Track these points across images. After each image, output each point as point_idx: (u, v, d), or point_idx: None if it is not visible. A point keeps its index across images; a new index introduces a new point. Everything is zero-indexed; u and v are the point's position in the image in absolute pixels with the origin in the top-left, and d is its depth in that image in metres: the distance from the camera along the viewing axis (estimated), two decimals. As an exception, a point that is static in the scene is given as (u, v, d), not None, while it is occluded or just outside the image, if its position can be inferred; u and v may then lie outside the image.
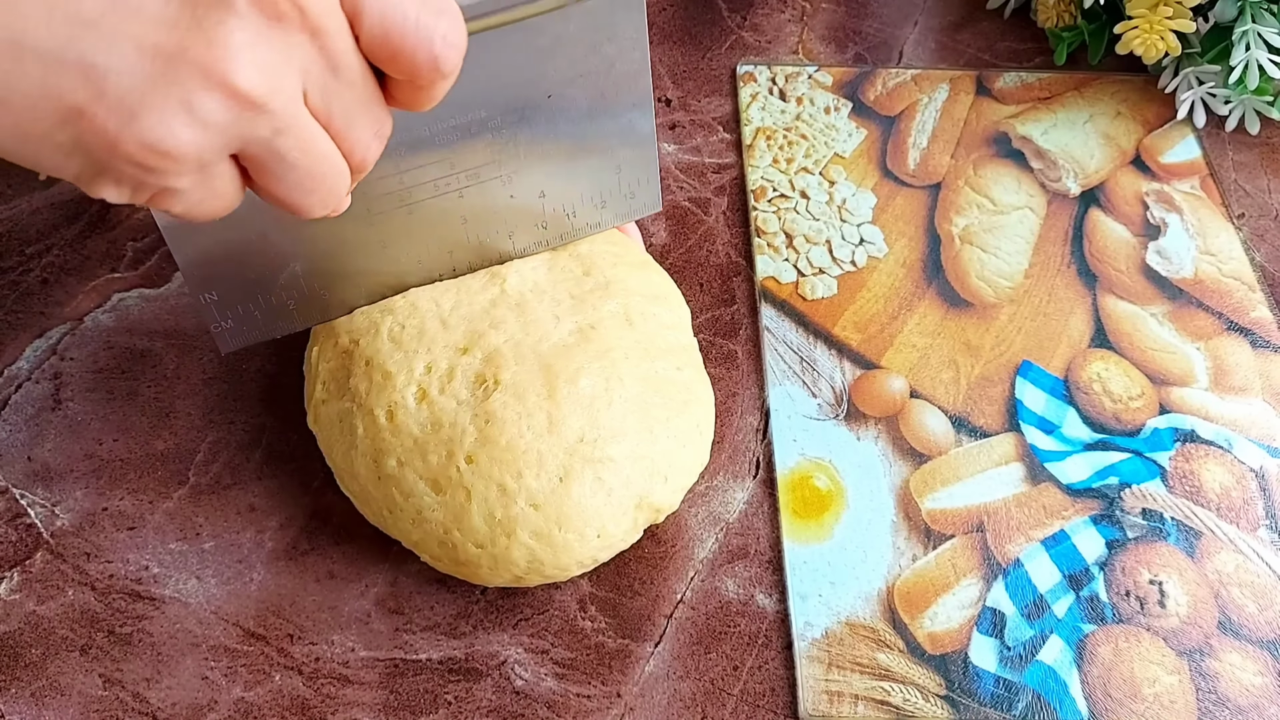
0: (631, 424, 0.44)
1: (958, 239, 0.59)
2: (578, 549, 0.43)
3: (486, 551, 0.43)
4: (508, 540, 0.43)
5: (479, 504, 0.43)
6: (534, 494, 0.43)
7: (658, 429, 0.45)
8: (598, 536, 0.44)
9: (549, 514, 0.43)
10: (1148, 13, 0.62)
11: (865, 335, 0.55)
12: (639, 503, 0.44)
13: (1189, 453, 0.51)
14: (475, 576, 0.44)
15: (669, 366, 0.47)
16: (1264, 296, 0.57)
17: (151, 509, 0.48)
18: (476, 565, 0.44)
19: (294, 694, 0.43)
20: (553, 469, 0.43)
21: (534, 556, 0.43)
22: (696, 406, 0.47)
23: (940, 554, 0.48)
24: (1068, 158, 0.63)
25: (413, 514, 0.44)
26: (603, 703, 0.43)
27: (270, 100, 0.30)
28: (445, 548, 0.44)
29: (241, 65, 0.29)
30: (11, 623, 0.45)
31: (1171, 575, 0.47)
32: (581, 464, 0.43)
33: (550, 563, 0.43)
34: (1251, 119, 0.64)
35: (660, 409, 0.45)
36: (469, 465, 0.43)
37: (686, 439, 0.46)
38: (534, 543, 0.43)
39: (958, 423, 0.52)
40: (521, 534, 0.43)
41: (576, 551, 0.43)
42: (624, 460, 0.44)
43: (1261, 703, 0.44)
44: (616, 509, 0.44)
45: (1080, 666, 0.45)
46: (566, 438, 0.43)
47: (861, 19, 0.72)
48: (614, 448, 0.44)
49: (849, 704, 0.44)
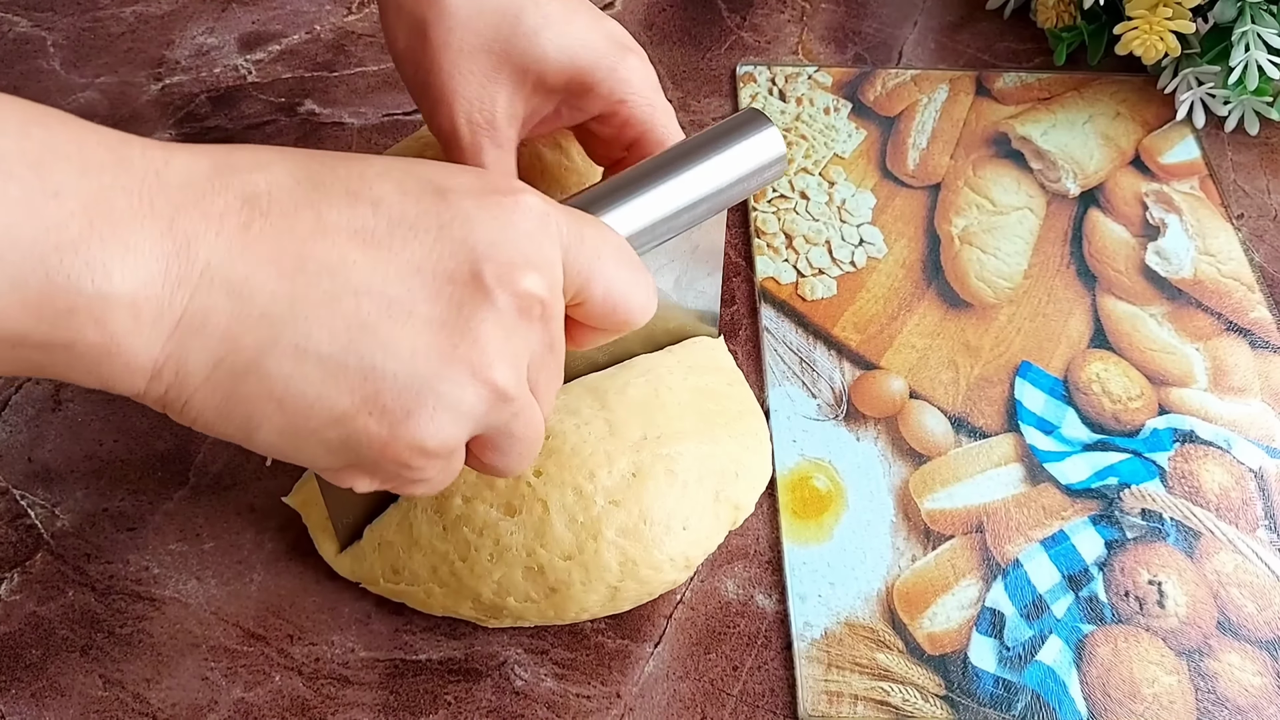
0: (690, 425, 0.44)
1: (957, 239, 0.59)
2: (668, 544, 0.42)
3: (576, 561, 0.42)
4: (595, 543, 0.42)
5: (558, 512, 0.42)
6: (611, 491, 0.42)
7: (718, 430, 0.45)
8: (684, 529, 0.43)
9: (631, 509, 0.42)
10: (1147, 13, 0.62)
11: (865, 336, 0.55)
12: (716, 496, 0.44)
13: (1188, 453, 0.51)
14: (568, 602, 0.42)
15: (718, 381, 0.47)
16: (1263, 297, 0.57)
17: (152, 510, 0.48)
18: (568, 585, 0.42)
19: (294, 694, 0.43)
20: (623, 466, 0.42)
21: (625, 556, 0.42)
22: (752, 417, 0.47)
23: (940, 554, 0.48)
24: (1067, 158, 0.63)
25: (490, 548, 0.42)
26: (602, 703, 0.44)
27: (516, 390, 0.31)
28: (532, 574, 0.42)
29: (500, 361, 0.31)
30: (12, 623, 0.45)
31: (1170, 575, 0.47)
32: (651, 459, 0.43)
33: (643, 561, 0.42)
34: (1251, 120, 0.64)
35: (717, 414, 0.45)
36: (539, 478, 0.42)
37: (748, 442, 0.46)
38: (623, 540, 0.42)
39: (957, 423, 0.52)
40: (608, 532, 0.42)
41: (667, 546, 0.42)
42: (691, 456, 0.43)
43: (1260, 703, 0.44)
44: (696, 502, 0.43)
45: (1079, 667, 0.45)
46: (629, 438, 0.43)
47: (861, 19, 0.72)
48: (678, 445, 0.43)
49: (848, 704, 0.44)
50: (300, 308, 0.29)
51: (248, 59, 0.68)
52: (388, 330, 0.29)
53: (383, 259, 0.30)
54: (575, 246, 0.33)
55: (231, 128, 0.64)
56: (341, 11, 0.71)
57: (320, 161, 0.31)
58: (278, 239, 0.29)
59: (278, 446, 0.31)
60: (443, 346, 0.30)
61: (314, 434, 0.30)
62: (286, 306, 0.29)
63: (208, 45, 0.68)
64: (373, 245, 0.30)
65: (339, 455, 0.31)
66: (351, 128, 0.64)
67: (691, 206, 0.40)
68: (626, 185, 0.39)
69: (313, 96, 0.65)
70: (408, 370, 0.30)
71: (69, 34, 0.69)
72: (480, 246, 0.30)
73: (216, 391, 0.29)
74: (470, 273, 0.30)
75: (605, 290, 0.33)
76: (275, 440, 0.31)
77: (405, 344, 0.29)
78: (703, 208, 0.40)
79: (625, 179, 0.39)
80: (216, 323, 0.28)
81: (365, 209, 0.30)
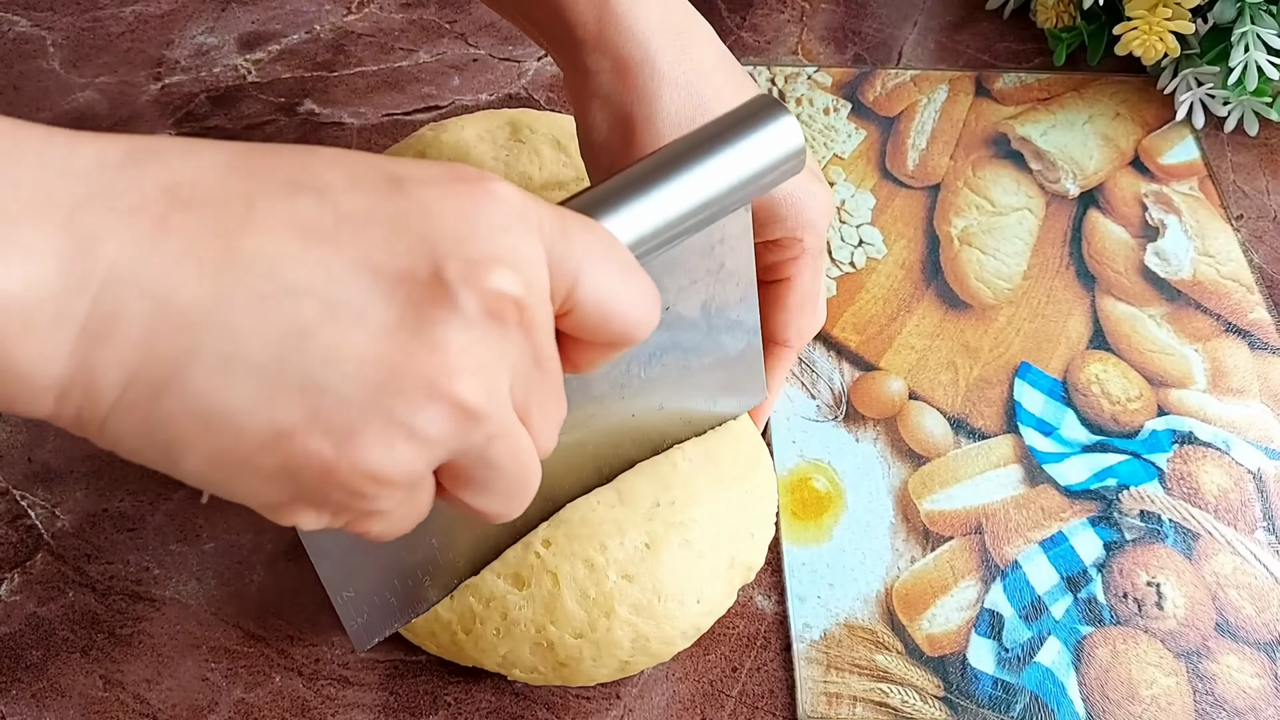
0: (702, 486, 0.43)
1: (956, 240, 0.59)
2: (680, 619, 0.41)
3: (587, 640, 0.40)
4: (608, 620, 0.40)
5: (569, 585, 0.40)
6: (623, 564, 0.40)
7: (732, 488, 0.43)
8: (698, 602, 0.42)
9: (645, 584, 0.41)
10: (1147, 14, 0.62)
11: (864, 337, 0.55)
12: (731, 563, 0.43)
13: (1187, 454, 0.51)
14: (576, 675, 0.41)
15: (723, 429, 0.46)
16: (1262, 298, 0.57)
17: (152, 510, 0.48)
18: (579, 661, 0.41)
19: (294, 695, 0.43)
20: (636, 538, 0.41)
21: (638, 633, 0.41)
22: (762, 465, 0.46)
23: (939, 556, 0.48)
24: (1066, 159, 0.63)
25: (497, 621, 0.41)
26: (602, 704, 0.44)
27: (488, 408, 0.27)
28: (540, 649, 0.41)
29: (464, 373, 0.26)
30: (12, 624, 0.45)
31: (1169, 577, 0.47)
32: (664, 528, 0.41)
33: (655, 637, 0.41)
34: (1250, 120, 0.64)
35: (730, 468, 0.44)
36: (547, 549, 0.41)
37: (760, 494, 0.45)
38: (636, 618, 0.40)
39: (956, 424, 0.52)
40: (621, 610, 0.40)
41: (680, 621, 0.41)
42: (706, 521, 0.42)
43: (1259, 704, 0.44)
44: (710, 571, 0.42)
45: (1078, 668, 0.45)
46: (640, 506, 0.41)
47: (861, 19, 0.72)
48: (692, 511, 0.42)
49: (847, 705, 0.44)
50: (226, 311, 0.25)
51: (247, 59, 0.68)
52: (330, 336, 0.25)
53: (327, 255, 0.25)
54: (560, 244, 0.28)
55: (231, 128, 0.64)
56: (341, 11, 0.71)
57: (258, 151, 0.27)
58: (199, 232, 0.25)
59: (208, 476, 0.27)
60: (395, 356, 0.26)
61: (247, 460, 0.26)
62: (210, 309, 0.25)
63: (208, 45, 0.68)
64: (316, 239, 0.26)
65: (278, 485, 0.27)
66: (351, 128, 0.64)
67: (698, 210, 0.36)
68: (626, 186, 0.35)
69: (312, 96, 0.65)
70: (354, 383, 0.25)
71: (69, 34, 0.69)
72: (442, 241, 0.26)
73: (133, 410, 0.25)
74: (430, 271, 0.26)
75: (596, 295, 0.29)
76: (204, 468, 0.26)
77: (352, 353, 0.25)
78: (711, 210, 0.36)
79: (624, 180, 0.35)
80: (127, 330, 0.24)
81: (309, 198, 0.26)
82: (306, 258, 0.25)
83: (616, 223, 0.34)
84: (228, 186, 0.26)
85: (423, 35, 0.69)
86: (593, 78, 0.41)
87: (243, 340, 0.25)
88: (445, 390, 0.26)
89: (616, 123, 0.41)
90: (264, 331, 0.25)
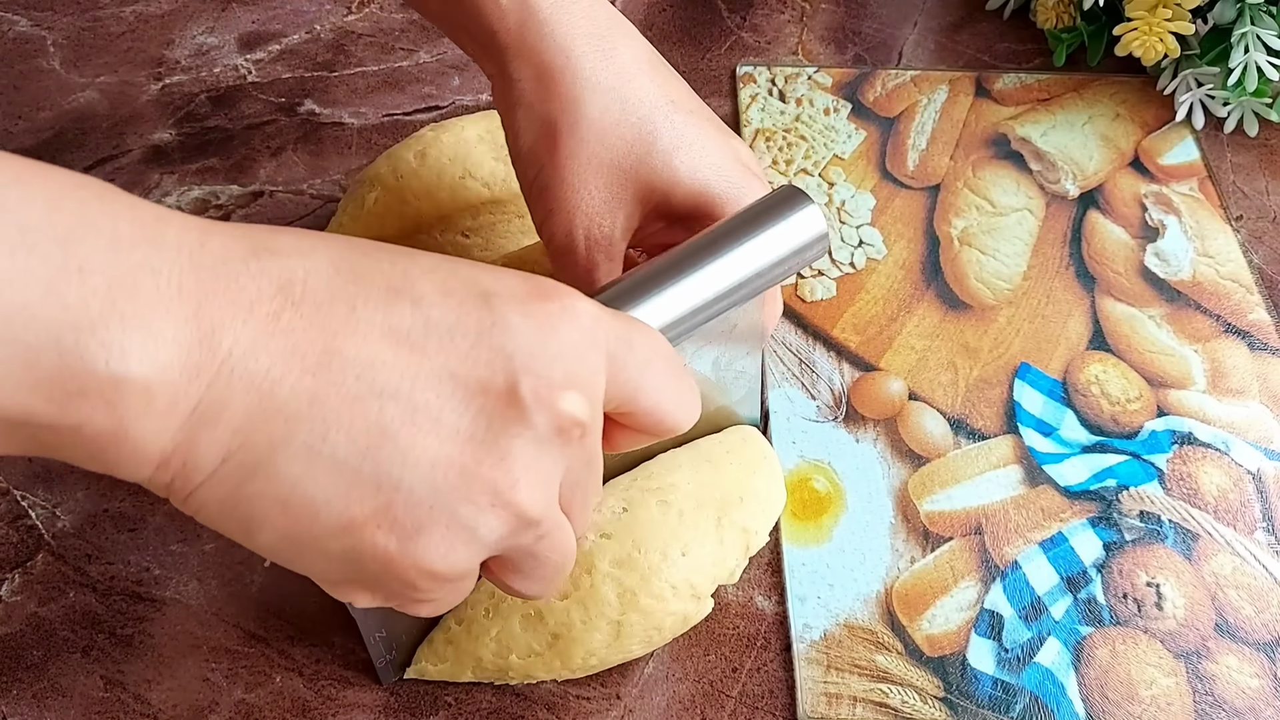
0: (684, 458, 0.43)
1: (956, 241, 0.59)
2: (666, 571, 0.42)
3: (574, 599, 0.41)
4: (590, 577, 0.41)
5: None
6: (601, 526, 0.42)
7: (718, 459, 0.44)
8: (683, 555, 0.42)
9: (623, 540, 0.41)
10: (1147, 14, 0.62)
11: (864, 337, 0.55)
12: (719, 521, 0.43)
13: (1186, 455, 0.51)
14: (573, 647, 0.41)
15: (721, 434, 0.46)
16: (1262, 299, 0.57)
17: (152, 510, 0.48)
18: (569, 627, 0.41)
19: (295, 695, 0.43)
20: (613, 504, 0.42)
21: (622, 586, 0.41)
22: (755, 445, 0.46)
23: (939, 556, 0.48)
24: (1066, 159, 0.63)
25: (485, 602, 0.42)
26: (601, 705, 0.44)
27: (543, 514, 0.29)
28: (530, 621, 0.41)
29: (527, 484, 0.28)
30: (13, 624, 0.45)
31: (1169, 577, 0.47)
32: (640, 494, 0.42)
33: (642, 590, 0.41)
34: (1250, 121, 0.64)
35: (717, 445, 0.44)
36: None
37: (755, 468, 0.45)
38: (618, 571, 0.41)
39: (956, 425, 0.52)
40: (601, 565, 0.41)
41: (665, 574, 0.41)
42: (686, 486, 0.43)
43: (1258, 705, 0.44)
44: (695, 528, 0.42)
45: (1078, 668, 0.45)
46: (618, 483, 0.42)
47: (861, 20, 0.72)
48: (670, 477, 0.43)
49: (847, 706, 0.44)
50: (320, 407, 0.27)
51: (248, 59, 0.68)
52: (409, 438, 0.27)
53: (414, 362, 0.28)
54: (623, 356, 0.31)
55: (231, 127, 0.64)
56: (341, 11, 0.71)
57: (364, 252, 0.29)
58: (307, 331, 0.27)
59: (278, 550, 0.29)
60: (466, 462, 0.28)
61: (317, 542, 0.28)
62: (306, 404, 0.27)
63: (208, 45, 0.68)
64: (406, 347, 0.28)
65: (341, 567, 0.29)
66: (351, 128, 0.64)
67: (729, 293, 0.38)
68: (661, 274, 0.37)
69: (312, 96, 0.65)
70: (425, 484, 0.28)
71: (69, 33, 0.69)
72: (519, 357, 0.28)
73: (222, 486, 0.28)
74: (506, 385, 0.28)
75: (653, 401, 0.32)
76: (276, 544, 0.29)
77: (426, 455, 0.27)
78: (740, 293, 0.39)
79: (660, 266, 0.37)
80: (232, 416, 0.27)
81: (404, 307, 0.28)
82: (396, 364, 0.27)
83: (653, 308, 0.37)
84: (334, 288, 0.28)
85: (423, 35, 0.69)
86: (516, 85, 0.41)
87: (330, 435, 0.27)
88: (508, 499, 0.28)
89: (542, 131, 0.40)
90: (350, 428, 0.27)
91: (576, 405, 0.29)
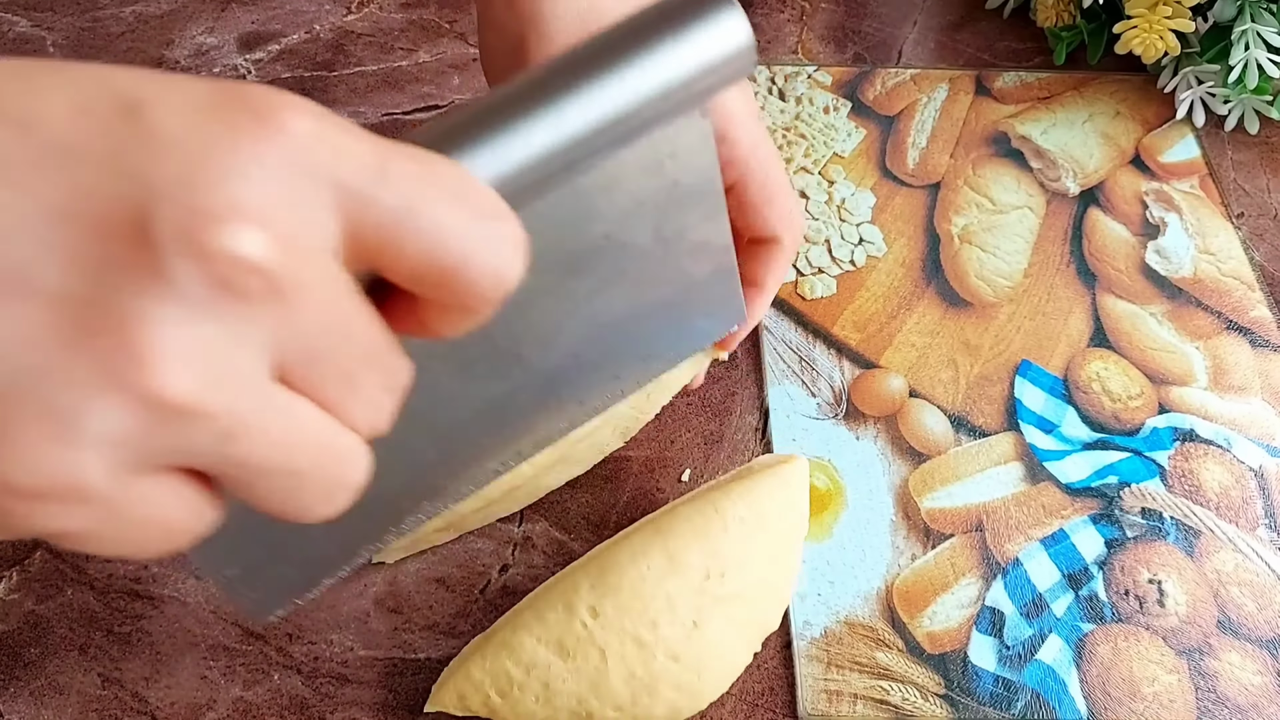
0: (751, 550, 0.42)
1: (957, 238, 0.59)
2: (712, 693, 0.41)
3: (625, 713, 0.40)
4: (650, 699, 0.40)
5: (616, 663, 0.39)
6: (671, 645, 0.40)
7: (776, 545, 0.42)
8: (730, 678, 0.42)
9: (689, 664, 0.40)
10: (1147, 12, 0.62)
11: (864, 334, 0.55)
12: (761, 631, 0.43)
13: (1188, 452, 0.51)
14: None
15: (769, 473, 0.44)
16: (1263, 296, 0.57)
17: (150, 508, 0.48)
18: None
19: (293, 693, 0.43)
20: (684, 614, 0.40)
21: (674, 708, 0.40)
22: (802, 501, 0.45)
23: (939, 553, 0.48)
24: (1067, 157, 0.63)
25: (537, 689, 0.40)
26: (601, 702, 0.43)
27: (207, 402, 0.21)
28: (578, 718, 0.40)
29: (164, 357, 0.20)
30: (10, 622, 0.45)
31: (1170, 574, 0.47)
32: (712, 604, 0.40)
33: (688, 708, 0.41)
34: (1250, 118, 0.64)
35: (777, 521, 0.43)
36: (595, 620, 0.39)
37: (789, 560, 0.44)
38: (676, 695, 0.40)
39: (957, 422, 0.52)
40: (664, 690, 0.40)
41: (710, 694, 0.41)
42: (752, 589, 0.42)
43: (1260, 702, 0.44)
44: (744, 643, 0.42)
45: (1079, 665, 0.45)
46: (691, 578, 0.40)
47: (861, 19, 0.72)
48: (739, 579, 0.41)
49: (848, 703, 0.43)
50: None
51: (247, 59, 0.68)
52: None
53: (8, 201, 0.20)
54: (371, 190, 0.22)
55: (231, 127, 0.64)
56: (341, 11, 0.71)
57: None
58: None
59: None
60: (68, 333, 0.20)
61: None
62: None
63: (207, 45, 0.68)
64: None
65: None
66: (351, 127, 0.64)
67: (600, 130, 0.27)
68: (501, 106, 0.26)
69: (312, 96, 0.65)
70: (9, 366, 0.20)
71: (69, 34, 0.69)
72: (161, 183, 0.20)
73: None
74: (133, 220, 0.20)
75: (426, 247, 0.23)
76: None
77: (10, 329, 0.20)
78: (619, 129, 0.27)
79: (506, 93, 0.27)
80: None
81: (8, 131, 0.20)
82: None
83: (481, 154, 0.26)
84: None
85: (423, 35, 0.69)
86: (489, 9, 0.40)
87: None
88: (132, 380, 0.20)
89: (510, 50, 0.38)
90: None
91: (251, 245, 0.20)
